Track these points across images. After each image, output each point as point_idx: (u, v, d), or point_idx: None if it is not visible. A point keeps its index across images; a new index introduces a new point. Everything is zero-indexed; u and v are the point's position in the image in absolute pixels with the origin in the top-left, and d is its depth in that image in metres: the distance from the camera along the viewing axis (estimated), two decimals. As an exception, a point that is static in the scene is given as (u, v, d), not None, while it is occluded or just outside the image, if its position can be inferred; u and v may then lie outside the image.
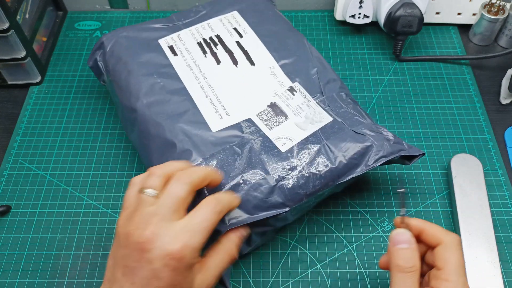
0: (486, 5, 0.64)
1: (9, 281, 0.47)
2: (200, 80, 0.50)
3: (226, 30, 0.54)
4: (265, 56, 0.52)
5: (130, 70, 0.50)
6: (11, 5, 0.56)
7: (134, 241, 0.32)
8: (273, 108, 0.47)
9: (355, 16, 0.65)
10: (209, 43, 0.53)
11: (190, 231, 0.33)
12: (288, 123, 0.46)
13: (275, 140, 0.45)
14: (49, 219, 0.51)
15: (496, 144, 0.56)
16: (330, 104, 0.48)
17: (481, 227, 0.48)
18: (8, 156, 0.56)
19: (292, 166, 0.43)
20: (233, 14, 0.56)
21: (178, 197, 0.34)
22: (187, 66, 0.51)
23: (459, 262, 0.35)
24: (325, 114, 0.47)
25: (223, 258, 0.37)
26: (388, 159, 0.44)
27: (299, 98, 0.48)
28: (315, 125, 0.46)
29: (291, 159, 0.43)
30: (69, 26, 0.71)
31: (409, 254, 0.35)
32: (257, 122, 0.46)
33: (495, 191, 0.52)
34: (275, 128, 0.46)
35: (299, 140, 0.45)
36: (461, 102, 0.61)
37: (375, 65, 0.65)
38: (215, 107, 0.47)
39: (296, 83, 0.49)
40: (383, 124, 0.58)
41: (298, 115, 0.46)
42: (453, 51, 0.66)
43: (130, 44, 0.53)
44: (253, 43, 0.53)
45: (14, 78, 0.62)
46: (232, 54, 0.52)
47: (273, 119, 0.46)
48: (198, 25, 0.55)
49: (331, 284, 0.46)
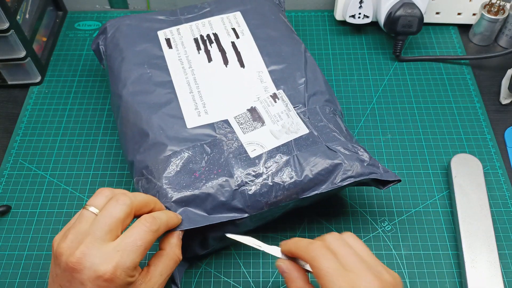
0: (486, 5, 0.64)
1: (9, 281, 0.47)
2: (188, 75, 0.50)
3: (225, 29, 0.54)
4: (256, 60, 0.51)
5: (124, 57, 0.52)
6: (11, 5, 0.56)
7: (65, 261, 0.32)
8: (251, 113, 0.47)
9: (355, 16, 0.65)
10: (205, 40, 0.53)
11: (122, 250, 0.32)
12: (263, 130, 0.45)
13: (246, 144, 0.44)
14: (49, 219, 0.51)
15: (496, 144, 0.56)
16: (310, 116, 0.47)
17: (481, 227, 0.48)
18: (8, 156, 0.56)
19: (257, 173, 0.42)
20: (236, 14, 0.56)
21: (114, 217, 0.33)
22: (179, 60, 0.52)
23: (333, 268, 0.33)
24: (302, 125, 0.46)
25: (167, 265, 0.36)
26: (356, 180, 0.43)
27: (280, 106, 0.47)
28: (290, 135, 0.45)
29: (258, 166, 0.43)
30: (69, 26, 0.71)
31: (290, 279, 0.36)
32: (233, 124, 0.46)
33: (495, 191, 0.52)
34: (249, 133, 0.45)
35: (270, 148, 0.44)
36: (461, 102, 0.61)
37: (375, 65, 0.65)
38: (196, 104, 0.48)
39: (280, 90, 0.49)
40: (383, 124, 0.58)
41: (275, 123, 0.46)
42: (453, 51, 0.66)
43: (130, 32, 0.54)
44: (248, 45, 0.53)
45: (14, 78, 0.62)
46: (225, 53, 0.52)
47: (249, 123, 0.46)
48: (199, 21, 0.56)
49: (331, 284, 0.46)
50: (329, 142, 0.45)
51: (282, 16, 0.58)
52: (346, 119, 0.59)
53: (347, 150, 0.44)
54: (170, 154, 0.43)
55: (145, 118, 0.46)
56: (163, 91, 0.49)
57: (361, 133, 0.58)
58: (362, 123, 0.59)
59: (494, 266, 0.45)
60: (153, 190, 0.42)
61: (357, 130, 0.58)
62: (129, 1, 0.72)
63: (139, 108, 0.47)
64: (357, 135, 0.57)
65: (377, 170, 0.44)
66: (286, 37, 0.54)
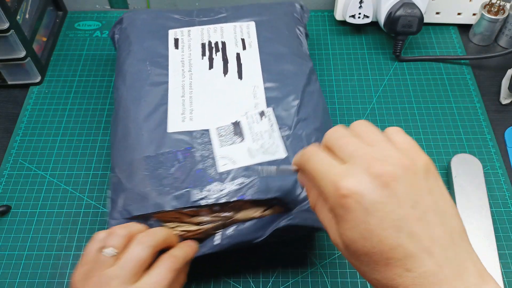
0: (486, 5, 0.64)
1: (9, 281, 0.47)
2: (185, 78, 0.50)
3: (234, 38, 0.54)
4: (256, 74, 0.50)
5: (130, 51, 0.53)
6: (11, 5, 0.56)
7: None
8: (235, 126, 0.46)
9: (355, 16, 0.65)
10: (212, 47, 0.53)
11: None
12: (241, 146, 0.44)
13: (219, 158, 0.43)
14: (49, 219, 0.51)
15: (496, 144, 0.56)
16: (293, 141, 0.44)
17: (481, 227, 0.48)
18: (8, 156, 0.56)
19: (219, 188, 0.41)
20: (249, 24, 0.55)
21: (140, 260, 0.34)
22: (181, 61, 0.52)
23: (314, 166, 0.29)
24: (282, 149, 0.44)
25: None
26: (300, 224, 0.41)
27: (265, 125, 0.46)
28: (266, 156, 0.43)
29: (223, 181, 0.41)
30: (69, 26, 0.71)
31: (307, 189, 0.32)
32: (213, 135, 0.45)
33: (495, 191, 0.52)
34: (226, 147, 0.44)
35: (241, 165, 0.43)
36: (461, 102, 0.61)
37: (375, 65, 0.65)
38: (183, 109, 0.47)
39: (270, 109, 0.47)
40: (383, 124, 0.58)
41: (255, 141, 0.44)
42: (453, 51, 0.66)
43: (143, 27, 0.55)
44: (252, 58, 0.52)
45: (14, 78, 0.62)
46: (227, 63, 0.51)
47: (229, 137, 0.45)
48: (211, 26, 0.55)
49: (331, 284, 0.46)
50: None
51: (298, 31, 0.56)
52: (346, 119, 0.59)
53: None
54: (143, 157, 0.43)
55: (132, 116, 0.47)
56: (157, 91, 0.49)
57: (361, 133, 0.58)
58: (362, 123, 0.58)
59: (494, 266, 0.45)
60: (120, 190, 0.43)
61: (357, 130, 0.58)
62: (129, 1, 0.72)
63: (130, 104, 0.48)
64: (357, 135, 0.57)
65: None
66: (293, 55, 0.53)
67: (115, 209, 0.42)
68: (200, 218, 0.41)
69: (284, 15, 0.57)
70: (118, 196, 0.43)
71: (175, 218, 0.41)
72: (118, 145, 0.46)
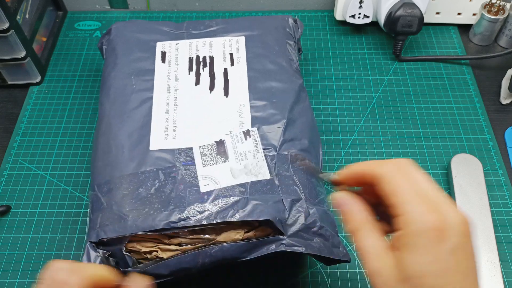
0: (486, 5, 0.64)
1: (9, 281, 0.47)
2: (170, 94, 0.49)
3: (223, 53, 0.52)
4: (242, 92, 0.49)
5: (116, 64, 0.52)
6: (11, 5, 0.56)
7: None
8: (218, 145, 0.44)
9: (355, 16, 0.65)
10: (200, 62, 0.51)
11: None
12: (224, 166, 0.43)
13: (201, 178, 0.42)
14: (49, 219, 0.51)
15: (496, 144, 0.56)
16: (277, 163, 0.43)
17: (481, 227, 0.48)
18: (8, 156, 0.56)
19: (202, 210, 0.40)
20: (239, 39, 0.54)
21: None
22: (167, 76, 0.50)
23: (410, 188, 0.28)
24: (266, 170, 0.42)
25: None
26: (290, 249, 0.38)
27: (249, 145, 0.44)
28: (249, 176, 0.42)
29: (205, 202, 0.40)
30: (69, 26, 0.71)
31: (349, 213, 0.31)
32: (196, 154, 0.44)
33: (495, 191, 0.52)
34: (208, 167, 0.43)
35: (224, 186, 0.41)
36: (461, 102, 0.61)
37: (375, 65, 0.65)
38: (167, 126, 0.46)
39: (255, 128, 0.45)
40: (383, 124, 0.58)
41: (239, 162, 0.43)
42: (453, 51, 0.66)
43: (131, 38, 0.54)
44: (239, 75, 0.50)
45: (14, 78, 0.62)
46: (214, 79, 0.50)
47: (212, 156, 0.44)
48: (200, 40, 0.54)
49: (331, 284, 0.46)
50: (287, 195, 0.41)
51: (289, 47, 0.54)
52: (346, 119, 0.59)
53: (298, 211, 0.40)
54: (123, 175, 0.42)
55: (113, 132, 0.45)
56: (141, 107, 0.47)
57: (361, 133, 0.58)
58: (362, 123, 0.59)
59: (494, 266, 0.45)
60: (98, 209, 0.42)
61: (357, 130, 0.58)
62: (129, 1, 0.72)
63: (112, 120, 0.47)
64: (357, 135, 0.57)
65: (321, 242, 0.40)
66: (282, 73, 0.51)
67: (93, 228, 0.41)
68: (180, 240, 0.40)
69: (275, 30, 0.55)
70: (97, 216, 0.41)
71: (154, 239, 0.40)
72: (98, 161, 0.45)
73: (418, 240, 0.27)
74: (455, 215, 0.27)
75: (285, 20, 0.57)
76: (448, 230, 0.27)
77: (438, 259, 0.26)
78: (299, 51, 0.58)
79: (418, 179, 0.29)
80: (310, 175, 0.40)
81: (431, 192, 0.28)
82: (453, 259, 0.26)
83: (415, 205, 0.28)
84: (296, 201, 0.41)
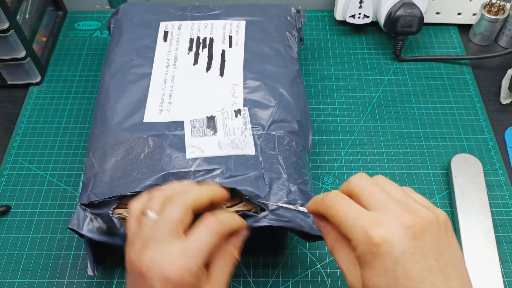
0: (486, 5, 0.64)
1: (9, 281, 0.47)
2: (168, 71, 0.50)
3: (223, 35, 0.54)
4: (237, 72, 0.50)
5: (120, 40, 0.54)
6: (11, 5, 0.56)
7: (135, 268, 0.32)
8: (208, 120, 0.46)
9: (355, 16, 0.65)
10: (200, 43, 0.53)
11: (187, 254, 0.32)
12: (212, 139, 0.44)
13: (188, 146, 0.43)
14: (49, 219, 0.51)
15: (496, 144, 0.56)
16: (264, 142, 0.44)
17: (481, 227, 0.48)
18: (8, 156, 0.56)
19: (185, 172, 0.41)
20: (240, 23, 0.55)
21: (173, 220, 0.33)
22: (167, 54, 0.52)
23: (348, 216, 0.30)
24: (252, 146, 0.44)
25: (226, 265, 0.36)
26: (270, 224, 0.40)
27: (238, 122, 0.45)
28: (235, 150, 0.43)
29: (189, 167, 0.42)
30: (69, 26, 0.71)
31: (325, 233, 0.33)
32: (186, 126, 0.45)
33: (495, 191, 0.52)
34: (197, 137, 0.44)
35: (209, 155, 0.43)
36: (461, 102, 0.61)
37: (375, 65, 0.65)
38: (162, 102, 0.48)
39: (246, 108, 0.47)
40: (383, 124, 0.58)
41: (227, 136, 0.44)
42: (453, 51, 0.66)
43: (136, 17, 0.56)
44: (236, 56, 0.52)
45: (14, 78, 0.62)
46: (211, 60, 0.51)
47: (201, 129, 0.45)
48: (202, 22, 0.55)
49: (331, 284, 0.46)
50: (268, 172, 0.42)
51: (288, 34, 0.55)
52: (346, 119, 0.59)
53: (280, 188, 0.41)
54: (116, 143, 0.44)
55: (111, 103, 0.47)
56: (138, 81, 0.49)
57: (361, 133, 0.58)
58: (362, 123, 0.59)
59: (494, 266, 0.45)
60: (91, 174, 0.43)
61: (357, 130, 0.58)
62: (129, 1, 0.72)
63: (111, 92, 0.49)
64: (357, 135, 0.57)
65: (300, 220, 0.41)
66: (279, 58, 0.52)
67: (85, 191, 0.42)
68: None
69: (276, 17, 0.56)
70: (89, 180, 0.43)
71: None
72: (95, 130, 0.47)
73: (366, 258, 0.28)
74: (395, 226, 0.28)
75: (287, 9, 0.58)
76: (388, 243, 0.27)
77: (385, 271, 0.27)
78: (300, 41, 0.59)
79: (367, 194, 0.30)
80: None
81: (368, 214, 0.29)
82: (400, 267, 0.27)
83: (355, 232, 0.29)
84: (277, 179, 0.42)
